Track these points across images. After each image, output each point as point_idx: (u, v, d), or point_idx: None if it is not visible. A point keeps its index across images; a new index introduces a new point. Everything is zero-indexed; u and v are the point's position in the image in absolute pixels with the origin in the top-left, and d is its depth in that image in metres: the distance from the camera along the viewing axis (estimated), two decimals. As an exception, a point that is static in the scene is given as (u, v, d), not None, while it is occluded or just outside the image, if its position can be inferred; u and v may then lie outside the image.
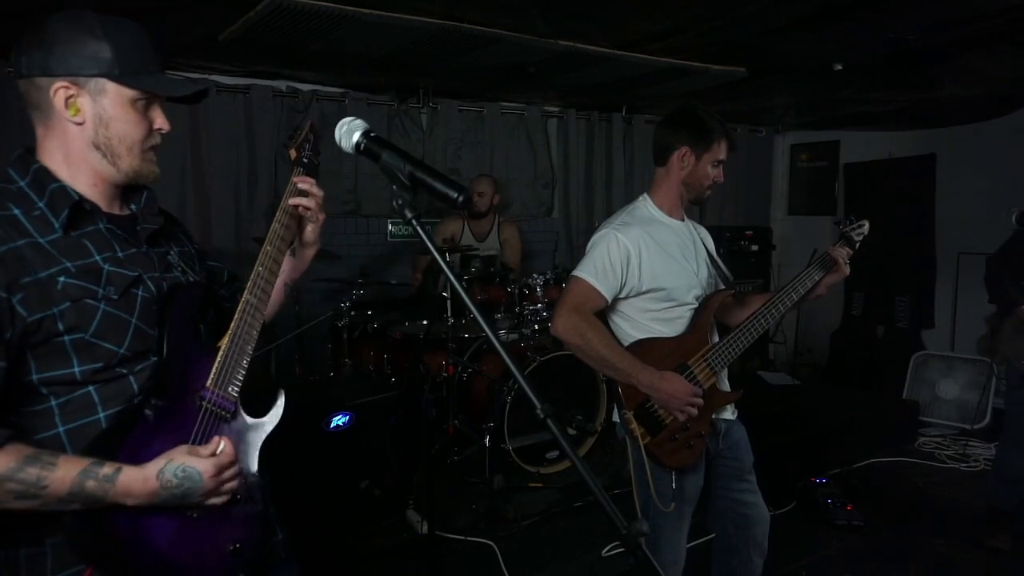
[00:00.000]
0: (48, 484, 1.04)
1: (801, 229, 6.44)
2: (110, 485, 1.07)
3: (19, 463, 1.04)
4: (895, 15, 2.91)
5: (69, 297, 1.11)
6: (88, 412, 1.15)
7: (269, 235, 1.37)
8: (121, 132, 1.20)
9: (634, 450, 2.02)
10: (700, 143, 2.09)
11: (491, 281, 4.11)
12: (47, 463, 1.05)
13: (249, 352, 1.28)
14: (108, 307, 1.15)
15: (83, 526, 1.10)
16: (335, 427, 2.94)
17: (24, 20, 1.22)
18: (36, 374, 1.11)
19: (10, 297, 1.06)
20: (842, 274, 2.20)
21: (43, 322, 1.09)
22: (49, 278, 1.10)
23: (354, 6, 2.78)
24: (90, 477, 1.06)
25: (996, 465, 3.41)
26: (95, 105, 1.17)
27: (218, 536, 1.22)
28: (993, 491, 3.35)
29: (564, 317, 1.99)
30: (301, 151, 1.46)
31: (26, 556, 1.14)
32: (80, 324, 1.12)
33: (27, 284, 1.08)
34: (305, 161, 1.45)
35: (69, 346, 1.12)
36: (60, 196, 1.16)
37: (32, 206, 1.14)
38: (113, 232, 1.22)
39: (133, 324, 1.18)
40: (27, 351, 1.10)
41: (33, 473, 1.04)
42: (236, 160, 4.22)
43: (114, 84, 1.17)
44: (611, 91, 4.54)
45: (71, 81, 1.15)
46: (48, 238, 1.13)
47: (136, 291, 1.20)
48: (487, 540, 2.95)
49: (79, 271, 1.13)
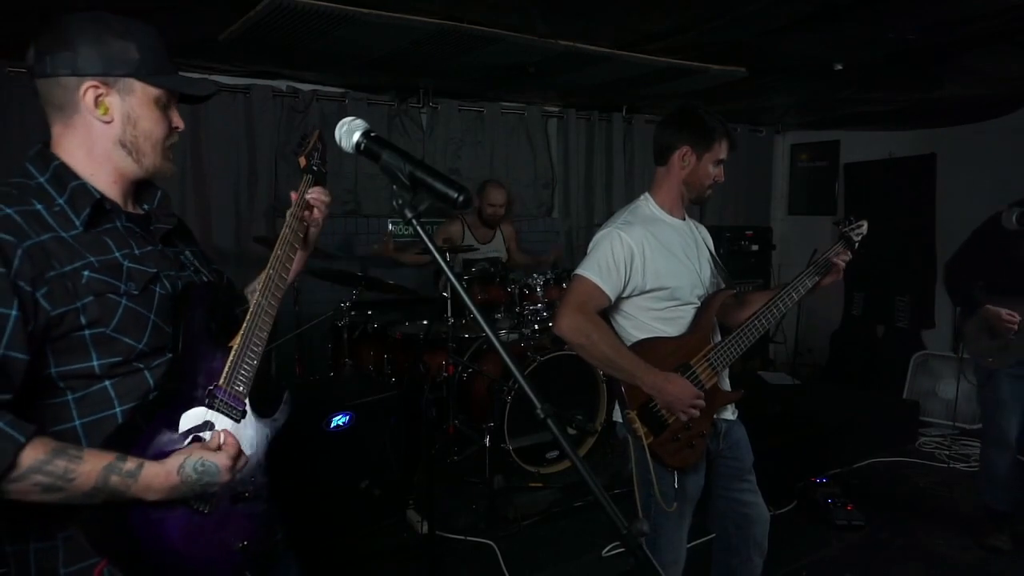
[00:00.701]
0: (75, 477, 1.05)
1: (801, 229, 6.44)
2: (132, 480, 1.09)
3: (48, 455, 1.04)
4: (895, 15, 2.91)
5: (93, 291, 1.13)
6: (104, 406, 1.17)
7: (280, 239, 1.41)
8: (147, 130, 1.24)
9: (637, 450, 2.02)
10: (701, 142, 2.09)
11: (491, 281, 4.12)
12: (74, 456, 1.06)
13: (258, 353, 1.31)
14: (129, 302, 1.17)
15: (98, 519, 1.12)
16: (335, 427, 2.94)
17: (24, 20, 1.23)
18: (55, 367, 1.13)
19: (35, 291, 1.08)
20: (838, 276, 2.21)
21: (66, 316, 1.11)
22: (74, 272, 1.12)
23: (354, 6, 2.78)
24: (114, 472, 1.08)
25: (982, 465, 3.41)
26: (124, 104, 1.21)
27: (227, 534, 1.25)
28: (984, 491, 3.35)
29: (568, 316, 1.99)
30: (310, 159, 1.50)
31: (36, 550, 1.15)
32: (102, 318, 1.14)
33: (52, 278, 1.10)
34: (314, 169, 1.50)
35: (89, 340, 1.14)
36: (81, 194, 1.19)
37: (52, 202, 1.16)
38: (131, 230, 1.25)
39: (152, 320, 1.21)
40: (47, 345, 1.11)
41: (61, 466, 1.05)
42: (236, 160, 4.22)
43: (141, 83, 1.21)
44: (611, 91, 4.54)
45: (101, 80, 1.18)
46: (70, 233, 1.15)
47: (154, 287, 1.23)
48: (487, 540, 2.95)
49: (102, 266, 1.16)
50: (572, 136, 5.40)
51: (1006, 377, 3.15)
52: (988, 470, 3.31)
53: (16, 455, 1.01)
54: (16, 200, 1.13)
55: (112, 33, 1.18)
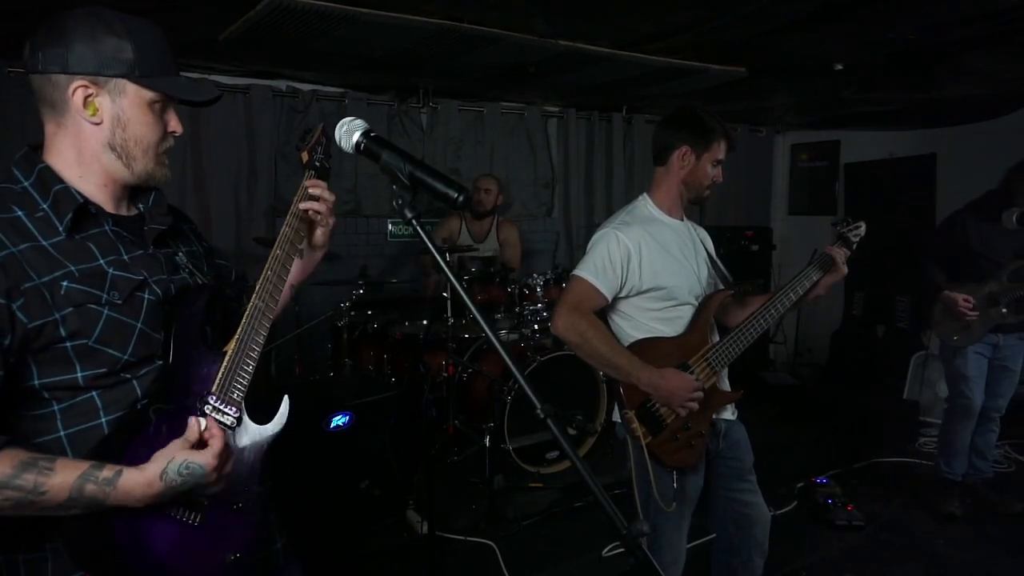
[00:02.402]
0: (46, 490, 1.01)
1: (801, 229, 6.43)
2: (111, 488, 1.04)
3: (15, 469, 1.00)
4: (895, 15, 2.91)
5: (72, 302, 1.08)
6: (90, 417, 1.13)
7: (279, 239, 1.34)
8: (138, 134, 1.17)
9: (635, 450, 2.02)
10: (700, 143, 2.09)
11: (491, 281, 4.12)
12: (44, 468, 1.02)
13: (255, 357, 1.24)
14: (112, 312, 1.13)
15: (81, 532, 1.08)
16: (335, 427, 2.94)
17: (24, 20, 1.22)
18: (38, 379, 1.09)
19: (10, 303, 1.04)
20: (840, 274, 2.20)
21: (44, 328, 1.07)
22: (52, 282, 1.07)
23: (354, 6, 2.78)
24: (89, 481, 1.03)
25: (942, 438, 3.71)
26: (114, 106, 1.15)
27: (217, 546, 1.19)
28: (940, 462, 3.65)
29: (564, 316, 2.00)
30: (313, 154, 1.44)
31: (24, 561, 1.12)
32: (83, 330, 1.09)
33: (28, 289, 1.05)
34: (317, 164, 1.43)
35: (71, 352, 1.09)
36: (64, 198, 1.13)
37: (36, 207, 1.12)
38: (119, 234, 1.19)
39: (138, 329, 1.16)
40: (28, 356, 1.08)
41: (30, 480, 1.01)
42: (236, 160, 4.22)
43: (134, 85, 1.15)
44: (611, 91, 4.54)
45: (91, 80, 1.12)
46: (51, 240, 1.10)
47: (142, 294, 1.17)
48: (487, 540, 2.95)
49: (83, 275, 1.11)
50: (572, 136, 5.40)
51: (972, 354, 3.45)
52: (948, 442, 3.62)
53: None
54: None
55: (108, 31, 1.12)
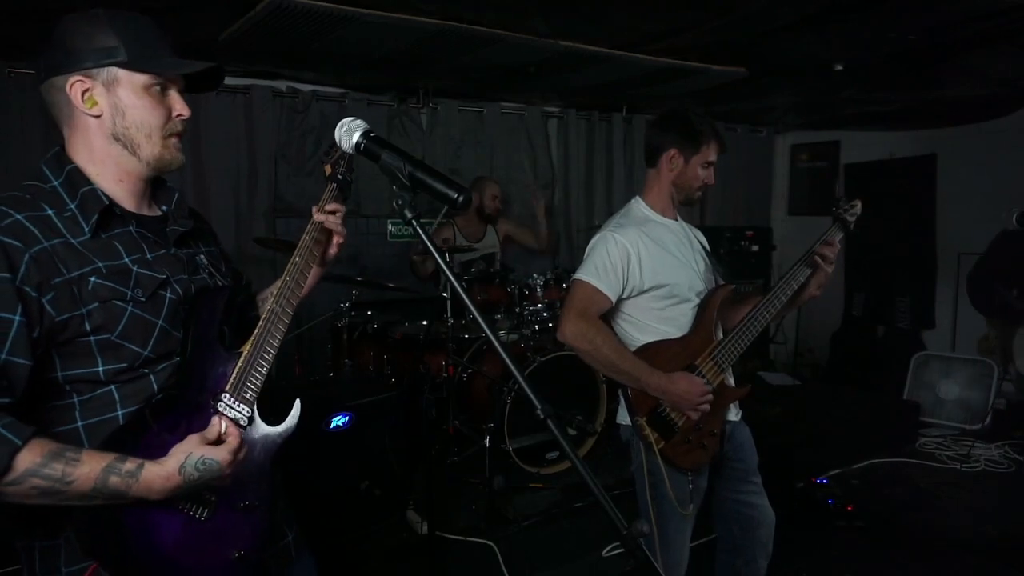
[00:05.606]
0: (73, 480, 1.04)
1: (801, 229, 6.42)
2: (133, 480, 1.08)
3: (44, 458, 1.03)
4: (895, 15, 2.91)
5: (98, 298, 1.13)
6: (107, 409, 1.17)
7: (299, 247, 1.38)
8: (138, 120, 1.20)
9: (648, 456, 2.01)
10: (689, 145, 2.09)
11: (491, 281, 4.12)
12: (71, 459, 1.05)
13: (269, 360, 1.28)
14: (135, 309, 1.17)
15: (91, 522, 1.11)
16: (335, 427, 2.94)
17: (24, 21, 1.23)
18: (61, 371, 1.13)
19: (40, 297, 1.08)
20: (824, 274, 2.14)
21: (70, 322, 1.11)
22: (80, 278, 1.12)
23: (354, 6, 2.78)
24: (113, 473, 1.07)
25: None
26: (110, 95, 1.18)
27: (224, 542, 1.22)
28: None
29: (571, 323, 1.99)
30: (336, 167, 1.46)
31: (41, 548, 1.16)
32: (107, 325, 1.13)
33: (58, 284, 1.10)
34: (339, 178, 1.46)
35: (95, 346, 1.13)
36: (91, 199, 1.18)
37: (64, 207, 1.16)
38: (143, 235, 1.24)
39: (159, 326, 1.20)
40: (52, 349, 1.11)
41: (58, 469, 1.04)
42: (236, 160, 4.21)
43: (125, 72, 1.18)
44: (611, 91, 4.54)
45: (85, 75, 1.16)
46: (79, 239, 1.15)
47: (164, 293, 1.22)
48: (487, 540, 2.95)
49: (109, 272, 1.15)
50: (572, 136, 5.39)
51: None
52: None
53: (12, 458, 1.01)
54: (28, 205, 1.13)
55: (96, 27, 1.17)
